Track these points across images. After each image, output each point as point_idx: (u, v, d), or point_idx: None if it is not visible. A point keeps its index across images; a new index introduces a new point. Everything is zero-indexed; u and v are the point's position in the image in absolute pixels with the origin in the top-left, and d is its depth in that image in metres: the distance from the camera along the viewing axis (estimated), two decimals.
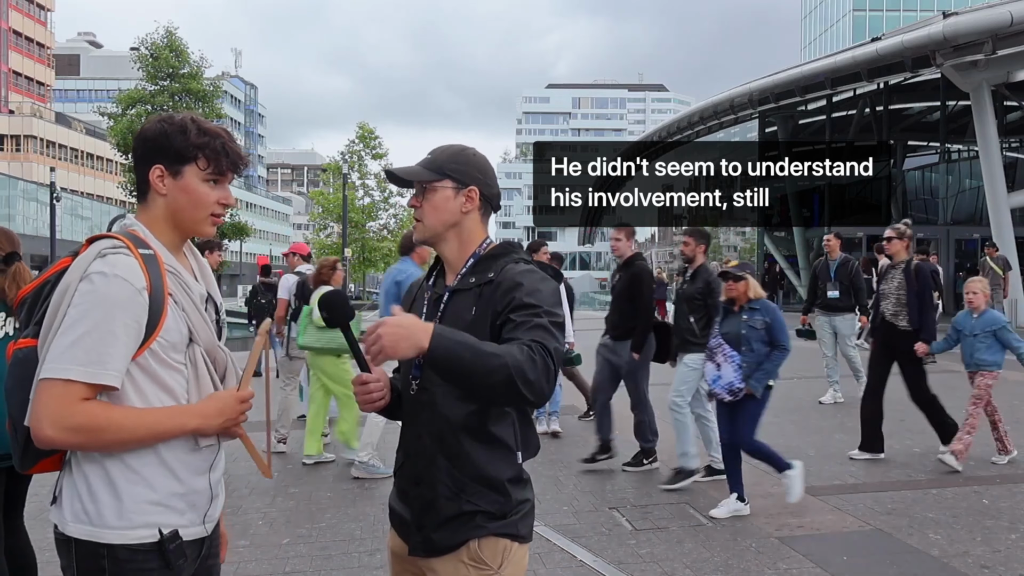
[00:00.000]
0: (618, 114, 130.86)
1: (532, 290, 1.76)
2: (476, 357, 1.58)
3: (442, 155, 1.90)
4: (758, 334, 4.67)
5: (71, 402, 1.51)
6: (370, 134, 37.03)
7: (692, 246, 5.72)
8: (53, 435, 1.52)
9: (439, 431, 1.79)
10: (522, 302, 1.73)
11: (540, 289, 1.77)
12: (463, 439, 1.78)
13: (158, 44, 31.53)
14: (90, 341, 1.52)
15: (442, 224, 1.88)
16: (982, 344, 5.77)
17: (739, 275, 4.72)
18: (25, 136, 57.18)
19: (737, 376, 4.64)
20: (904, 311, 6.05)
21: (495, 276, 1.81)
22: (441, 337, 1.58)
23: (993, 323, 5.77)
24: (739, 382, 4.64)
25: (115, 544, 1.59)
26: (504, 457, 1.80)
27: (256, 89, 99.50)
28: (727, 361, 4.68)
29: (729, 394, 4.68)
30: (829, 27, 67.80)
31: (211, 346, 1.74)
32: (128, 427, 1.57)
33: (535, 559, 4.05)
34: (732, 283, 4.74)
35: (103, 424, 1.54)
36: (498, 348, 1.62)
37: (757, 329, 4.67)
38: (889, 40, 20.07)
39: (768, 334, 4.66)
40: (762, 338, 4.66)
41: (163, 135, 1.69)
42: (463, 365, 1.58)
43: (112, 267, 1.57)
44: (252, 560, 4.15)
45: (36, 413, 1.52)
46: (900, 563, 4.00)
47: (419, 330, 1.58)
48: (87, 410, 1.53)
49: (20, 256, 3.13)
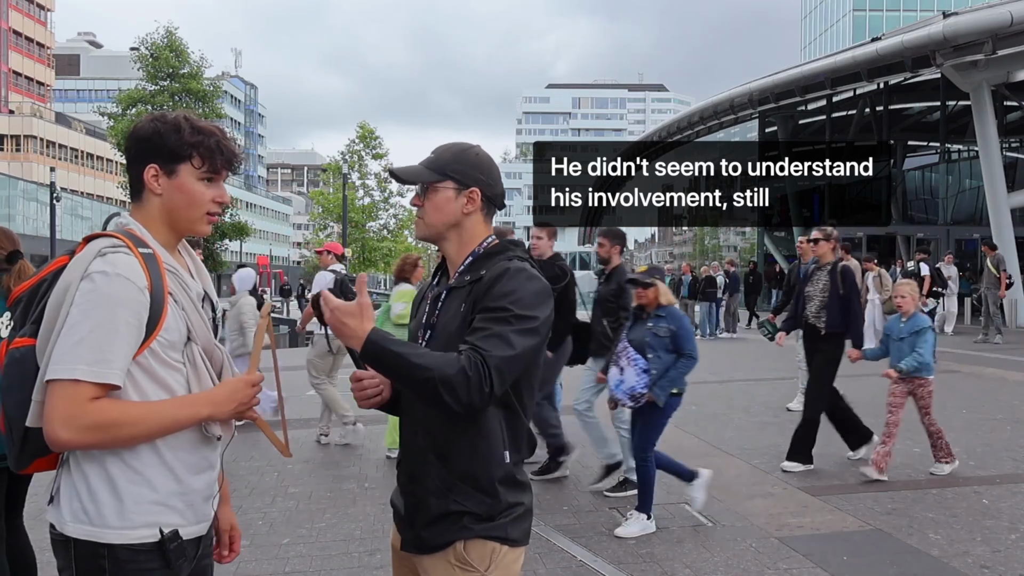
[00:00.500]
0: (618, 114, 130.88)
1: (506, 291, 1.75)
2: (404, 367, 1.67)
3: (445, 155, 1.90)
4: (662, 342, 4.49)
5: (82, 402, 1.51)
6: (370, 134, 37.01)
7: (607, 247, 5.63)
8: (67, 437, 1.51)
9: (430, 428, 1.80)
10: (490, 304, 1.75)
11: (515, 290, 1.75)
12: (451, 437, 1.78)
13: (158, 44, 31.56)
14: (94, 340, 1.52)
15: (443, 224, 1.88)
16: (909, 348, 5.47)
17: (647, 282, 4.55)
18: (25, 136, 57.18)
19: (640, 381, 4.43)
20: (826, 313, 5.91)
21: (485, 273, 1.81)
22: (373, 343, 1.67)
23: (918, 325, 5.49)
24: (641, 387, 4.43)
25: (116, 544, 1.58)
26: (492, 456, 1.78)
27: (256, 89, 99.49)
28: (631, 365, 4.46)
29: (630, 399, 4.47)
30: (829, 27, 67.79)
31: (208, 344, 1.74)
32: (142, 421, 1.57)
33: (535, 559, 4.05)
34: (641, 290, 4.58)
35: (117, 420, 1.54)
36: (431, 360, 1.67)
37: (661, 337, 4.49)
38: (889, 40, 20.05)
39: (673, 342, 4.49)
40: (667, 346, 4.49)
41: (157, 134, 1.68)
42: (391, 372, 1.72)
43: (113, 266, 1.56)
44: (252, 560, 4.15)
45: (48, 417, 1.51)
46: (900, 563, 4.00)
47: (358, 331, 1.68)
48: (99, 408, 1.52)
49: (22, 255, 3.14)
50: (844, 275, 5.91)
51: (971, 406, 7.95)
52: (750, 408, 8.27)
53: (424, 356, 1.68)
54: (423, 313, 1.93)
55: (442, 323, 1.84)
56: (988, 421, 7.35)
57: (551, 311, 1.82)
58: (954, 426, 7.10)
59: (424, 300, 1.98)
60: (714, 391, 9.41)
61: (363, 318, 1.68)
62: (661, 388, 4.45)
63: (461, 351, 1.69)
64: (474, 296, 1.79)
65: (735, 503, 5.01)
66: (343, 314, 1.68)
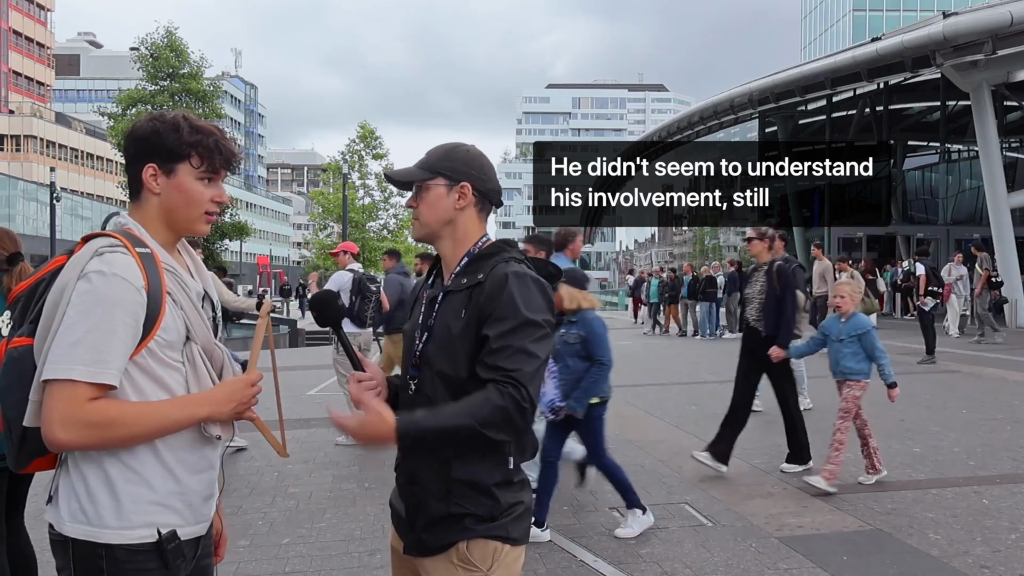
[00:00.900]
0: (618, 114, 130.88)
1: (515, 300, 1.74)
2: (446, 434, 1.67)
3: (434, 154, 1.91)
4: (572, 349, 4.30)
5: (80, 403, 1.51)
6: (371, 134, 37.02)
7: (532, 253, 5.63)
8: (65, 437, 1.51)
9: None
10: (501, 315, 1.73)
11: (524, 297, 1.75)
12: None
13: (158, 44, 31.52)
14: (91, 341, 1.52)
15: (437, 221, 1.88)
16: (847, 350, 5.26)
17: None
18: (25, 136, 57.19)
19: (558, 394, 4.28)
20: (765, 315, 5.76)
21: (484, 277, 1.80)
22: (404, 432, 1.66)
23: (858, 327, 5.29)
24: (560, 400, 4.27)
25: (114, 544, 1.58)
26: (495, 462, 1.78)
27: (256, 89, 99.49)
28: (550, 376, 4.27)
29: (551, 412, 4.30)
30: (829, 27, 67.82)
31: (208, 344, 1.74)
32: (140, 421, 1.57)
33: (535, 559, 4.05)
34: None
35: (115, 420, 1.54)
36: (465, 412, 1.66)
37: (571, 344, 4.31)
38: (889, 40, 20.05)
39: (585, 349, 4.29)
40: (578, 353, 4.30)
41: (155, 133, 1.68)
42: (438, 445, 1.71)
43: (110, 266, 1.56)
44: (252, 560, 4.15)
45: (46, 417, 1.51)
46: (900, 563, 4.00)
47: (383, 432, 1.66)
48: (97, 408, 1.53)
49: (23, 256, 3.16)
50: (780, 275, 5.75)
51: (971, 406, 7.95)
52: None
53: (458, 413, 1.67)
54: (419, 314, 1.92)
55: (440, 325, 1.83)
56: (988, 421, 7.35)
57: (555, 310, 1.85)
58: (954, 426, 7.11)
59: (419, 300, 1.97)
60: (714, 391, 9.40)
61: (380, 416, 1.67)
62: (577, 400, 4.26)
63: (488, 382, 1.69)
64: (477, 303, 1.78)
65: (735, 503, 5.01)
66: (359, 427, 1.69)
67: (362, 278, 7.20)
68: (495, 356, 1.70)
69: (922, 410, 7.84)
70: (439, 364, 1.80)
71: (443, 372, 1.79)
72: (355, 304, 7.06)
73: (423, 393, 1.82)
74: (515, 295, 1.74)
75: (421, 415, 1.68)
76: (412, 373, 1.86)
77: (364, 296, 7.11)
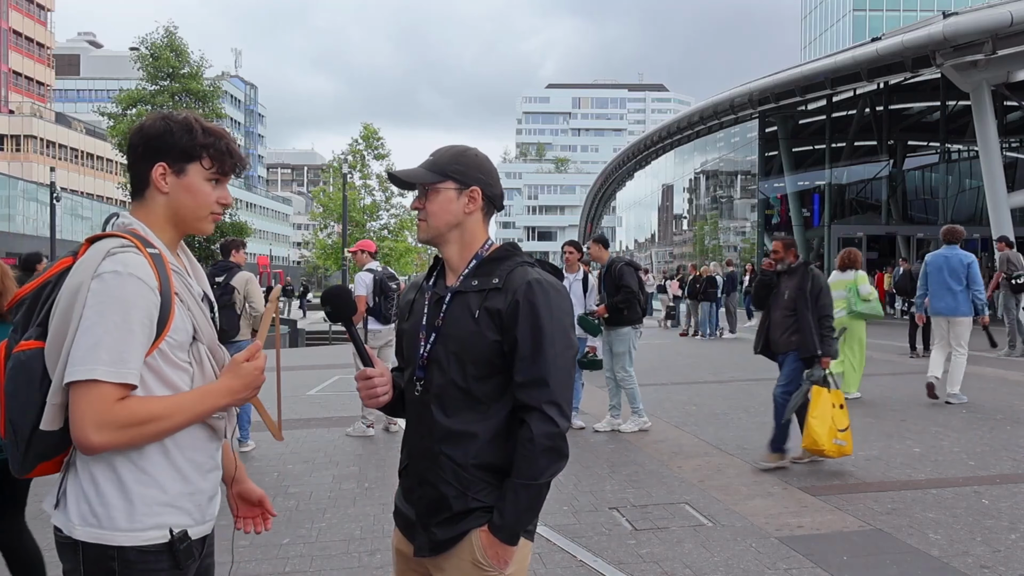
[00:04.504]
0: (618, 114, 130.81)
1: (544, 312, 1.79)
2: (533, 505, 1.79)
3: (444, 156, 1.91)
4: None
5: (110, 403, 1.51)
6: (373, 134, 37.06)
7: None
8: (99, 439, 1.51)
9: (443, 432, 1.81)
10: (531, 326, 1.78)
11: (551, 308, 1.80)
12: (466, 439, 1.80)
13: (158, 44, 31.49)
14: (111, 341, 1.52)
15: (445, 225, 1.89)
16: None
17: None
18: (25, 136, 57.15)
19: None
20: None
21: (500, 282, 1.82)
22: (510, 530, 1.77)
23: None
24: None
25: (126, 546, 1.58)
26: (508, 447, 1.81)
27: (256, 89, 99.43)
28: None
29: None
30: (829, 27, 67.79)
31: (212, 343, 1.75)
32: (169, 415, 1.58)
33: (535, 559, 4.05)
34: None
35: (146, 418, 1.55)
36: (531, 464, 1.74)
37: None
38: (889, 40, 20.03)
39: None
40: None
41: (168, 133, 1.69)
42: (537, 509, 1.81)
43: (125, 265, 1.56)
44: (252, 560, 4.15)
45: (77, 421, 1.51)
46: (900, 563, 4.00)
47: (511, 553, 1.78)
48: (128, 407, 1.53)
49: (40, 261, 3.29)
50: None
51: (971, 406, 7.95)
52: (750, 408, 8.26)
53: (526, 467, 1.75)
54: (421, 314, 1.92)
55: (449, 326, 1.83)
56: (988, 421, 7.34)
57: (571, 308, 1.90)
58: (954, 426, 7.11)
59: (417, 302, 1.97)
60: (714, 391, 9.41)
61: (505, 548, 1.78)
62: None
63: (523, 414, 1.77)
64: (494, 307, 1.80)
65: (735, 503, 5.01)
66: (497, 561, 1.78)
67: (382, 277, 7.28)
68: (527, 373, 1.78)
69: (922, 410, 7.84)
70: (449, 364, 1.81)
71: (453, 372, 1.81)
72: (379, 303, 7.20)
73: (430, 393, 1.83)
74: (541, 307, 1.79)
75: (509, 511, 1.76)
76: (419, 374, 1.87)
77: (386, 294, 7.23)
